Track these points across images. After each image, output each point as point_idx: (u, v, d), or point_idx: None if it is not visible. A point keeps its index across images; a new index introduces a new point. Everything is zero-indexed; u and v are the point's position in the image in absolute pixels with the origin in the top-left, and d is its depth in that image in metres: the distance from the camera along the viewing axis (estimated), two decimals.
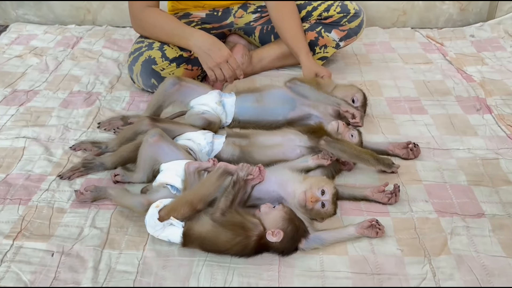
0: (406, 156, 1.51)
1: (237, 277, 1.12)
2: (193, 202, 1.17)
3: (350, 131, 1.48)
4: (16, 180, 1.42)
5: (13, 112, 1.75)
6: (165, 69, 1.78)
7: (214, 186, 1.21)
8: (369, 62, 2.16)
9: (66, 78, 2.01)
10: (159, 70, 1.78)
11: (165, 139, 1.32)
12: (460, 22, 2.61)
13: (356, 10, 1.95)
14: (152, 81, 1.80)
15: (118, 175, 1.40)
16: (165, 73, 1.78)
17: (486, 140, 1.60)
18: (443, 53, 2.23)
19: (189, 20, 1.96)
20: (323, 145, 1.39)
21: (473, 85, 1.93)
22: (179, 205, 1.17)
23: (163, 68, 1.78)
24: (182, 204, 1.17)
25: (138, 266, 1.15)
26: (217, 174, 1.22)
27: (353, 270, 1.14)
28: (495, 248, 1.19)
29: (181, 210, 1.16)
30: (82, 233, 1.24)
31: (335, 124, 1.48)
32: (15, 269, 1.14)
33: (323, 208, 1.25)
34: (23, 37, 2.39)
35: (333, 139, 1.40)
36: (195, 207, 1.17)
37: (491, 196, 1.36)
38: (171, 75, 1.74)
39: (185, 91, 1.61)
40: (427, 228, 1.25)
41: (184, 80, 1.62)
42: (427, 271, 1.13)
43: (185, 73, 1.83)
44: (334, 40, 1.97)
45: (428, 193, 1.37)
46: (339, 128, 1.47)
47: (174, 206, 1.18)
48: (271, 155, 1.43)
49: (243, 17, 2.01)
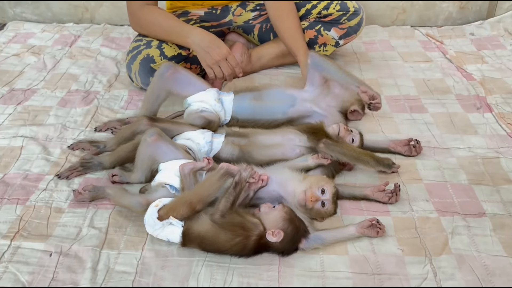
0: (408, 153, 1.50)
1: (237, 277, 1.11)
2: (192, 203, 1.16)
3: (351, 134, 1.46)
4: (13, 179, 1.41)
5: (10, 111, 1.74)
6: None
7: (215, 187, 1.20)
8: (368, 61, 2.16)
9: (64, 76, 2.00)
10: (157, 68, 1.77)
11: (163, 138, 1.32)
12: (459, 20, 2.60)
13: (355, 8, 1.94)
14: (150, 79, 1.79)
15: (116, 175, 1.39)
16: None
17: (486, 138, 1.60)
18: (443, 52, 2.22)
19: (188, 18, 1.95)
20: (322, 148, 1.38)
21: (473, 84, 1.93)
22: (178, 205, 1.16)
23: None
24: (181, 204, 1.16)
25: (137, 267, 1.14)
26: (218, 175, 1.21)
27: (354, 270, 1.13)
28: (496, 247, 1.19)
29: (180, 210, 1.15)
30: (80, 233, 1.23)
31: (336, 128, 1.46)
32: (12, 269, 1.13)
33: (323, 207, 1.24)
34: (20, 36, 2.38)
35: (333, 142, 1.39)
36: (194, 208, 1.16)
37: (492, 195, 1.35)
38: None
39: (181, 78, 1.59)
40: (427, 228, 1.25)
41: (180, 68, 1.61)
42: (428, 271, 1.12)
43: None
44: (334, 39, 1.96)
45: (428, 192, 1.37)
46: (340, 132, 1.45)
47: (173, 206, 1.17)
48: (270, 154, 1.42)
49: (242, 15, 2.00)
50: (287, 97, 1.62)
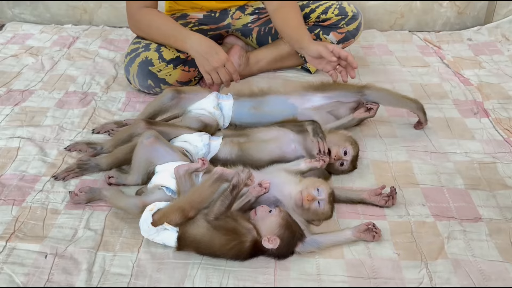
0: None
1: (233, 280, 1.11)
2: (185, 209, 1.15)
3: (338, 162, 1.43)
4: (10, 180, 1.41)
5: (7, 112, 1.74)
6: (162, 71, 1.77)
7: (208, 192, 1.18)
8: (366, 65, 2.16)
9: (62, 78, 2.00)
10: (155, 71, 1.77)
11: (160, 140, 1.31)
12: (457, 26, 2.61)
13: (354, 12, 1.95)
14: (148, 82, 1.79)
15: (113, 177, 1.39)
16: (162, 74, 1.77)
17: (483, 144, 1.60)
18: (441, 56, 2.23)
19: (186, 21, 1.95)
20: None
21: (471, 89, 1.93)
22: (171, 212, 1.15)
23: (160, 69, 1.77)
24: (174, 211, 1.15)
25: (133, 269, 1.14)
26: (211, 180, 1.18)
27: (350, 274, 1.13)
28: (492, 252, 1.19)
29: (173, 217, 1.14)
30: (76, 234, 1.23)
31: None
32: (8, 270, 1.12)
33: (320, 207, 1.24)
34: (19, 37, 2.37)
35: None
36: (187, 215, 1.15)
37: (488, 200, 1.36)
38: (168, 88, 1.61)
39: (184, 102, 1.57)
40: (424, 232, 1.25)
41: (183, 91, 1.58)
42: (424, 275, 1.12)
43: (181, 74, 1.82)
44: (332, 43, 1.96)
45: (425, 196, 1.37)
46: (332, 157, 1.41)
47: (166, 212, 1.15)
48: (268, 150, 1.43)
49: (240, 19, 2.01)
50: (288, 107, 1.59)
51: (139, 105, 1.81)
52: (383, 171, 1.48)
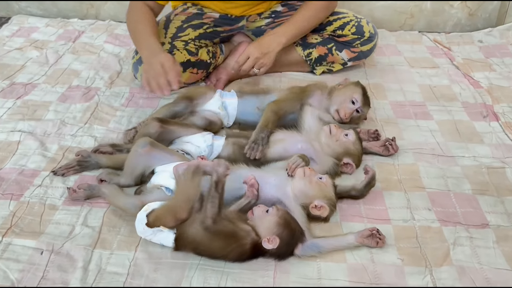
0: (386, 153, 1.51)
1: (231, 282, 1.09)
2: (176, 212, 1.11)
3: (343, 132, 1.43)
4: (8, 174, 1.39)
5: (10, 105, 1.73)
6: None
7: (190, 187, 1.12)
8: (374, 65, 2.12)
9: (66, 72, 1.98)
10: None
11: (156, 147, 1.29)
12: (468, 27, 2.57)
13: (371, 33, 1.91)
14: None
15: (105, 181, 1.35)
16: None
17: (492, 148, 1.56)
18: (450, 58, 2.19)
19: (201, 21, 1.87)
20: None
21: (480, 92, 1.89)
22: (163, 215, 1.12)
23: None
24: (166, 214, 1.11)
25: (129, 268, 1.12)
26: (189, 174, 1.13)
27: (351, 278, 1.10)
28: (499, 260, 1.15)
29: (165, 220, 1.11)
30: (73, 231, 1.21)
31: (326, 129, 1.43)
32: (2, 266, 1.10)
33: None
34: (24, 30, 2.36)
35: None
36: (178, 217, 1.11)
37: (496, 206, 1.32)
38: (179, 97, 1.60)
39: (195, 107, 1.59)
40: (429, 237, 1.21)
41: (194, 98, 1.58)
42: (428, 282, 1.09)
43: (190, 76, 1.80)
44: (343, 59, 1.94)
45: (431, 201, 1.33)
46: (331, 131, 1.42)
47: (159, 215, 1.12)
48: (273, 151, 1.41)
49: (255, 22, 1.96)
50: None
51: (142, 101, 1.79)
52: (389, 173, 1.44)
